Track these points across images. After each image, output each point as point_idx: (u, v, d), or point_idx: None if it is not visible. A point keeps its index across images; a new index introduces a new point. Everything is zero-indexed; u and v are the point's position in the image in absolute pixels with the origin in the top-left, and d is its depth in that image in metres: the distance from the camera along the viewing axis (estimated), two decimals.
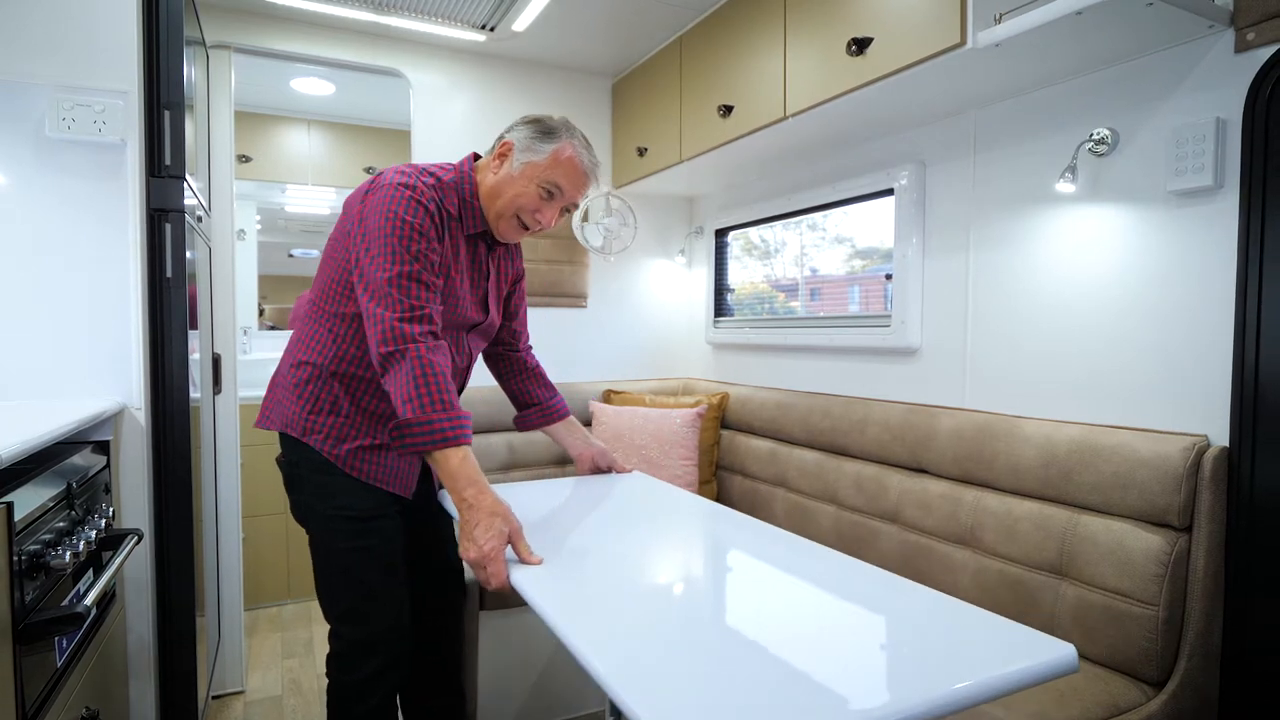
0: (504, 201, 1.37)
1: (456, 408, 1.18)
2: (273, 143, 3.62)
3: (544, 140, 1.36)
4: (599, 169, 1.44)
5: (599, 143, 2.93)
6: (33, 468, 1.06)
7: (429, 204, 1.29)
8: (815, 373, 2.39)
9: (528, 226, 1.40)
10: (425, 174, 1.34)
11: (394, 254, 1.24)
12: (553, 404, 1.69)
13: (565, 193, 1.38)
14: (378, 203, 1.28)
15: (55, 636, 1.02)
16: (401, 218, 1.26)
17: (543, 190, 1.36)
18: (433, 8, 2.34)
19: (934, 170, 1.97)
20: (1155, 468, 1.36)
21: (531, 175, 1.36)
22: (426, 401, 1.15)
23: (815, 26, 1.85)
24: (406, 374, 1.17)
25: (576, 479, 1.66)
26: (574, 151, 1.37)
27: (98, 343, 1.48)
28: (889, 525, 1.88)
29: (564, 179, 1.37)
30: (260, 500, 2.90)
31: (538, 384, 1.69)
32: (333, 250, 1.39)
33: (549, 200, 1.38)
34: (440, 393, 1.17)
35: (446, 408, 1.16)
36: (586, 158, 1.40)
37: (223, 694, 2.28)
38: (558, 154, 1.36)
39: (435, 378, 1.17)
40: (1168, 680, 1.32)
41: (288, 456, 1.40)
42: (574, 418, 1.72)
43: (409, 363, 1.18)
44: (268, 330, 3.80)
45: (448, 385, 1.19)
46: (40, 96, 1.43)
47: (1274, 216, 1.29)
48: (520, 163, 1.36)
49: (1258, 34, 1.30)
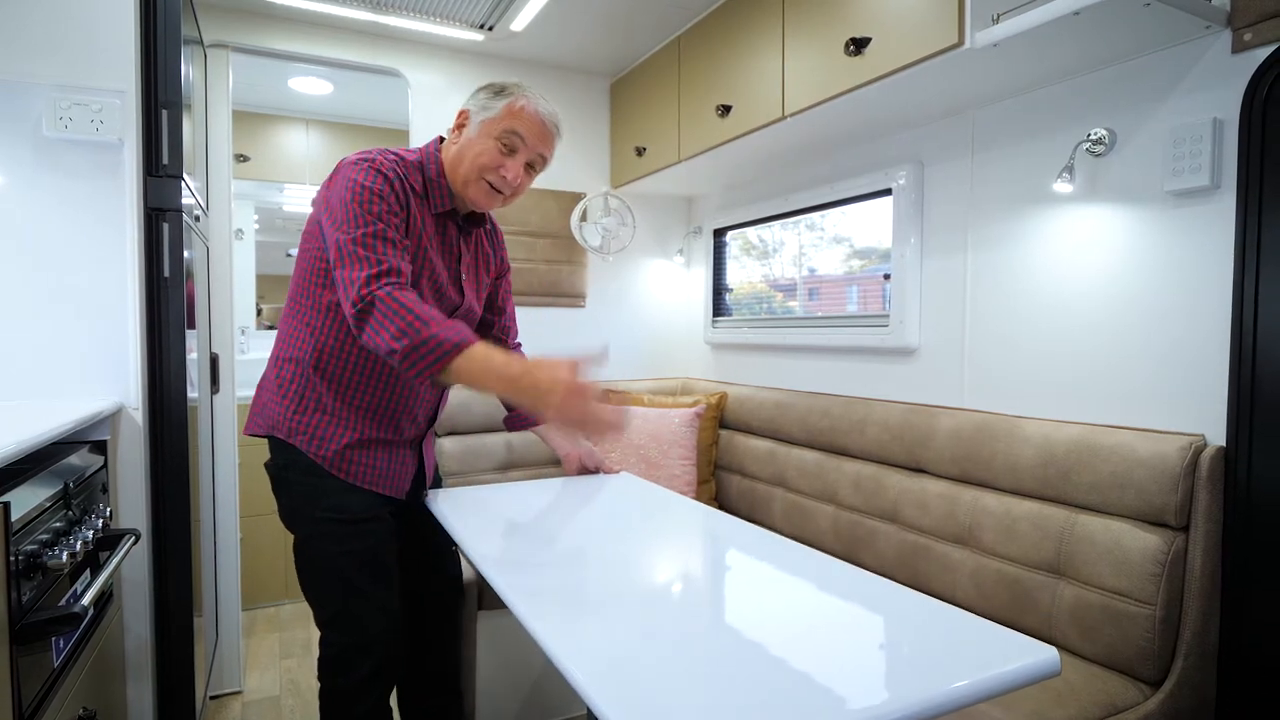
0: (467, 165, 1.35)
1: (447, 321, 1.15)
2: (271, 142, 3.61)
3: (497, 98, 1.35)
4: (558, 118, 1.40)
5: (597, 143, 2.93)
6: (30, 467, 1.06)
7: (389, 173, 1.28)
8: (814, 372, 2.40)
9: (498, 189, 1.37)
10: (387, 152, 1.33)
11: (355, 217, 1.22)
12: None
13: (527, 142, 1.35)
14: (338, 179, 1.29)
15: (52, 637, 1.02)
16: (360, 183, 1.25)
17: (501, 144, 1.34)
18: (431, 7, 2.33)
19: (932, 170, 1.97)
20: (1153, 467, 1.36)
21: (489, 131, 1.34)
22: (417, 325, 1.12)
23: (813, 26, 1.85)
24: (382, 317, 1.14)
25: (564, 479, 1.66)
26: (528, 101, 1.35)
27: (95, 342, 1.48)
28: (887, 525, 1.88)
29: (522, 127, 1.34)
30: (258, 500, 2.89)
31: None
32: (305, 244, 1.37)
33: (511, 155, 1.35)
34: (424, 314, 1.13)
35: (439, 322, 1.13)
36: (543, 105, 1.37)
37: (220, 694, 2.28)
38: (510, 105, 1.34)
39: (412, 306, 1.15)
40: (1165, 679, 1.32)
41: (275, 460, 1.38)
42: None
43: (380, 306, 1.15)
44: (265, 330, 3.80)
45: (428, 309, 1.15)
46: (38, 96, 1.43)
47: (1271, 216, 1.29)
48: (477, 123, 1.35)
49: (1255, 34, 1.30)
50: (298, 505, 1.36)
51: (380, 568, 1.37)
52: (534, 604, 0.93)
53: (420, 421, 1.46)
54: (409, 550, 1.51)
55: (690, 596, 1.00)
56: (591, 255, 2.94)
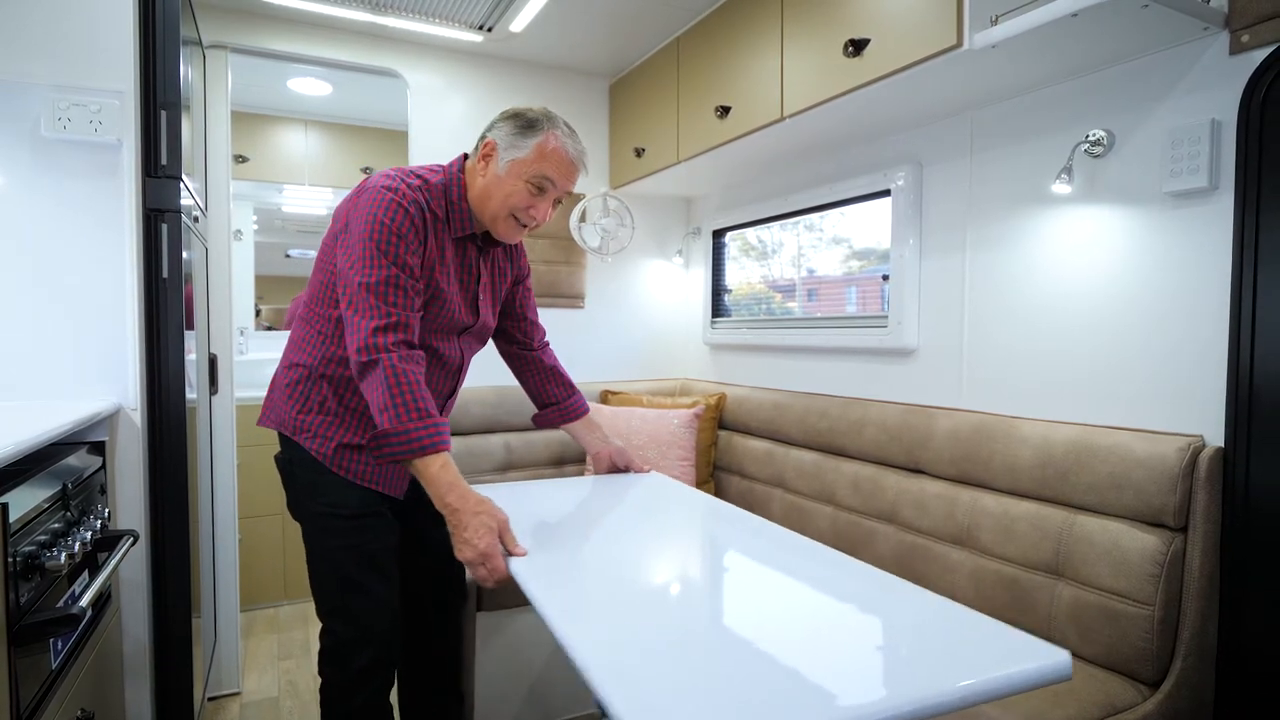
0: (496, 203, 1.36)
1: (432, 415, 1.18)
2: (270, 143, 3.61)
3: (526, 135, 1.34)
4: (585, 155, 1.41)
5: (596, 143, 2.93)
6: (28, 468, 1.05)
7: (410, 206, 1.29)
8: (812, 373, 2.40)
9: (523, 224, 1.40)
10: (412, 175, 1.34)
11: (371, 259, 1.24)
12: (570, 403, 1.68)
13: (556, 184, 1.37)
14: (361, 205, 1.29)
15: (50, 638, 1.02)
16: (381, 221, 1.26)
17: (532, 186, 1.35)
18: (430, 8, 2.33)
19: (931, 171, 1.97)
20: (1151, 468, 1.36)
21: (518, 173, 1.34)
22: (402, 411, 1.16)
23: (812, 28, 1.85)
24: (380, 384, 1.18)
25: (595, 478, 1.67)
26: (558, 142, 1.35)
27: (94, 343, 1.48)
28: (886, 526, 1.88)
29: (552, 170, 1.35)
30: (256, 501, 2.89)
31: (556, 383, 1.68)
32: (323, 254, 1.41)
33: (541, 194, 1.36)
34: (415, 401, 1.18)
35: (422, 416, 1.17)
36: (571, 146, 1.37)
37: (219, 695, 2.28)
38: (542, 147, 1.34)
39: (409, 387, 1.18)
40: (1163, 680, 1.32)
41: (283, 453, 1.43)
42: (592, 416, 1.71)
43: (382, 372, 1.18)
44: (264, 331, 3.79)
45: (422, 394, 1.20)
46: (36, 96, 1.43)
47: (1269, 217, 1.29)
48: (505, 161, 1.35)
49: (1252, 36, 1.30)
50: (301, 498, 1.41)
51: (378, 563, 1.39)
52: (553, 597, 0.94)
53: None
54: (410, 550, 1.52)
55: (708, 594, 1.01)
56: (590, 256, 2.94)
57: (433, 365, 1.43)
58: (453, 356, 1.47)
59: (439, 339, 1.43)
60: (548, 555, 1.11)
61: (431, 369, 1.43)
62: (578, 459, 2.68)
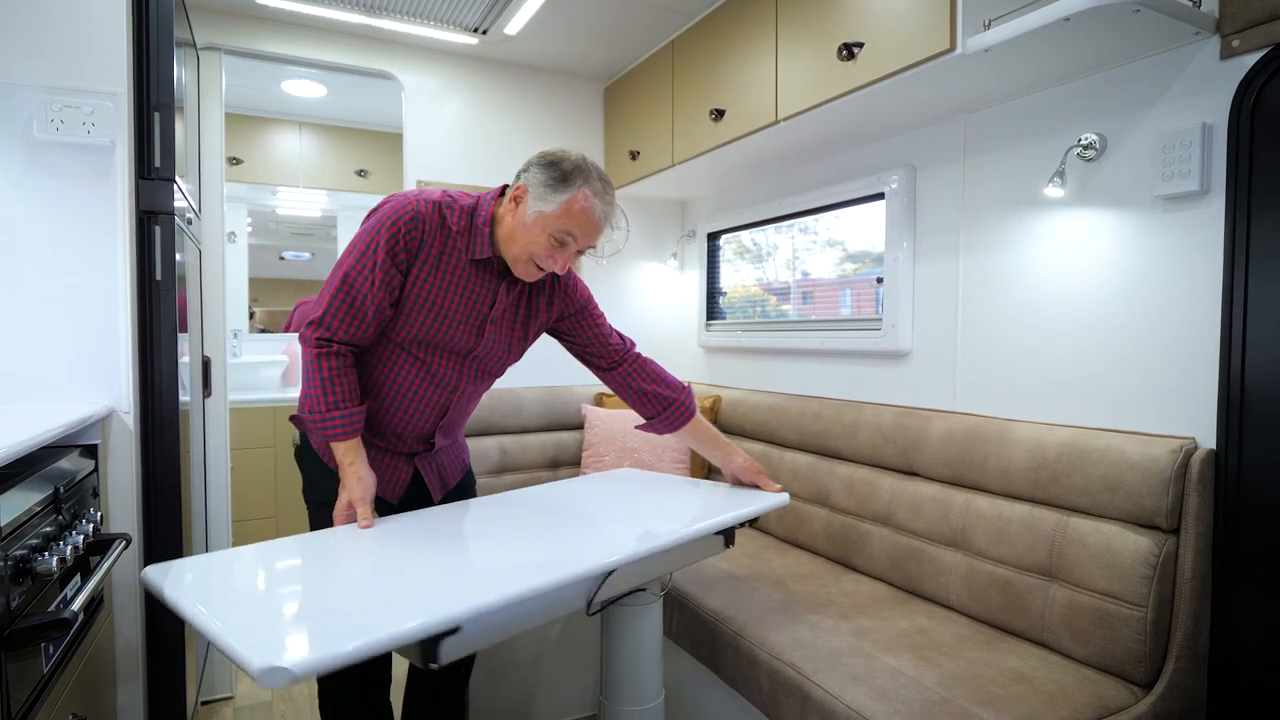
0: (518, 248, 1.37)
1: (343, 407, 1.35)
2: (264, 145, 3.61)
3: (557, 190, 1.33)
4: (614, 213, 1.41)
5: (592, 146, 2.94)
6: (20, 471, 1.05)
7: (406, 219, 1.34)
8: (807, 376, 2.40)
9: (542, 268, 1.40)
10: (437, 193, 1.40)
11: (354, 263, 1.35)
12: (670, 412, 1.61)
13: (578, 240, 1.37)
14: (372, 212, 1.39)
15: (42, 642, 1.01)
16: (375, 228, 1.35)
17: (554, 240, 1.35)
18: (424, 10, 2.34)
19: (924, 175, 1.98)
20: (1143, 470, 1.36)
21: (543, 225, 1.34)
22: (319, 402, 1.35)
23: (806, 32, 1.86)
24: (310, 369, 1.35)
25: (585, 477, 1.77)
26: (587, 202, 1.34)
27: (86, 346, 1.47)
28: (880, 528, 1.89)
29: (576, 228, 1.35)
30: (250, 504, 2.88)
31: (645, 400, 1.61)
32: None
33: (561, 248, 1.36)
34: (335, 392, 1.35)
35: (338, 406, 1.36)
36: (599, 207, 1.36)
37: (212, 699, 2.27)
38: (569, 205, 1.33)
39: (331, 381, 1.35)
40: (1156, 681, 1.33)
41: (299, 443, 1.52)
42: (713, 430, 1.67)
43: (311, 360, 1.35)
44: (258, 333, 3.78)
45: (340, 387, 1.36)
46: (28, 97, 1.43)
47: (1259, 220, 1.30)
48: (533, 211, 1.34)
49: (1242, 41, 1.31)
50: (305, 487, 1.50)
51: None
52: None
53: (409, 440, 1.48)
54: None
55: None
56: (585, 259, 2.94)
57: (419, 375, 1.43)
58: (446, 377, 1.45)
59: (428, 352, 1.43)
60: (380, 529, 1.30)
61: (418, 379, 1.43)
62: (572, 461, 2.68)
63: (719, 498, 1.52)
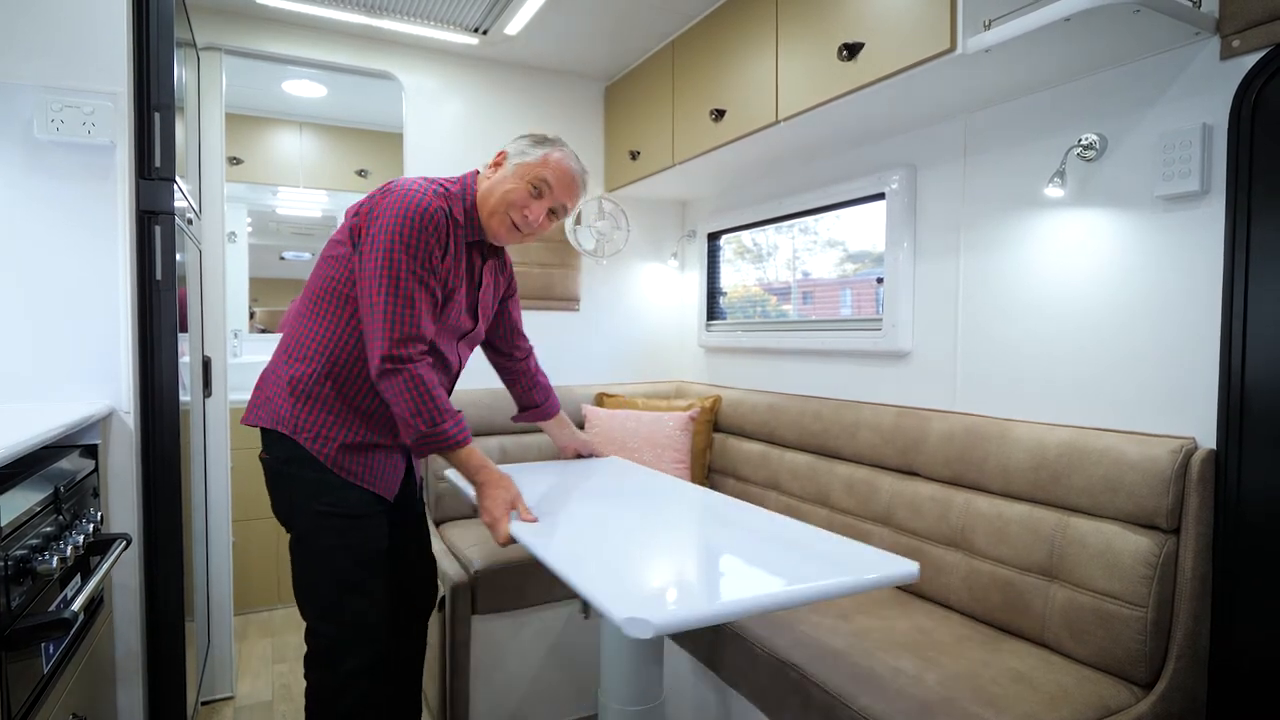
0: (496, 198, 1.45)
1: (456, 414, 1.35)
2: (264, 145, 3.61)
3: (536, 147, 1.47)
4: (588, 178, 1.54)
5: (592, 146, 2.94)
6: (20, 472, 1.05)
7: (436, 212, 1.36)
8: (807, 376, 2.40)
9: (518, 226, 1.46)
10: (434, 183, 1.43)
11: (398, 263, 1.32)
12: (547, 405, 1.84)
13: (554, 190, 1.47)
14: (389, 205, 1.34)
15: (42, 642, 1.01)
16: (411, 221, 1.33)
17: (531, 187, 1.45)
18: (425, 10, 2.33)
19: (924, 175, 1.98)
20: (1143, 470, 1.36)
21: (522, 174, 1.45)
22: (435, 414, 1.32)
23: (807, 32, 1.86)
24: (406, 390, 1.30)
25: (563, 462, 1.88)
26: (563, 155, 1.48)
27: (86, 345, 1.47)
28: (880, 528, 1.89)
29: (552, 177, 1.46)
30: (250, 504, 2.88)
31: (539, 390, 1.82)
32: (329, 253, 1.42)
33: (538, 198, 1.46)
34: (441, 403, 1.33)
35: (449, 415, 1.34)
36: (575, 164, 1.50)
37: (212, 699, 2.27)
38: (548, 156, 1.47)
39: (434, 390, 1.32)
40: (1156, 681, 1.33)
41: (273, 453, 1.41)
42: (564, 414, 1.90)
43: (407, 379, 1.30)
44: (258, 333, 3.78)
45: (443, 395, 1.35)
46: (29, 97, 1.43)
47: (1259, 220, 1.30)
48: (513, 165, 1.47)
49: (1242, 41, 1.31)
50: (298, 499, 1.39)
51: (374, 563, 1.42)
52: (544, 543, 1.19)
53: None
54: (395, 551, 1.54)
55: (662, 527, 1.36)
56: (585, 259, 2.94)
57: (436, 367, 1.46)
58: (452, 360, 1.53)
59: (444, 342, 1.48)
60: (543, 520, 1.34)
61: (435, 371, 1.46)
62: None
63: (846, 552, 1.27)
